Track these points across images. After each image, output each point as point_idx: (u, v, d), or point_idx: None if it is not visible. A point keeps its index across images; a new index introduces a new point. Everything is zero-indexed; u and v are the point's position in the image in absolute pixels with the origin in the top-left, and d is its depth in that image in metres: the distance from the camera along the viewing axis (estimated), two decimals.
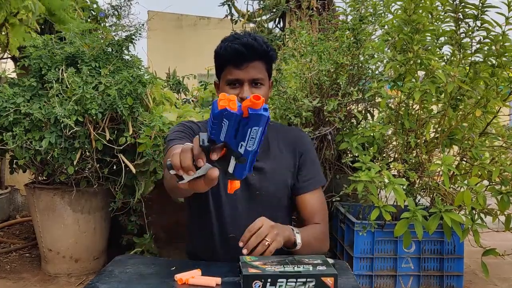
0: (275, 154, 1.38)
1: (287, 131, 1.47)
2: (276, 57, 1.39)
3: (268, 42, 1.33)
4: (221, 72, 1.33)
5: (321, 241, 1.34)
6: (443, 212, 2.07)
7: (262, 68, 1.31)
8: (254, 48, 1.26)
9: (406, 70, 2.31)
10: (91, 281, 1.07)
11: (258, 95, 0.73)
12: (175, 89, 3.84)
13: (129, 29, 2.82)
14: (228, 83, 1.30)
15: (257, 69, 1.29)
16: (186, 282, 1.06)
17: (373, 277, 2.39)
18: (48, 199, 2.68)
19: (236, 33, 1.33)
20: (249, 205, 1.33)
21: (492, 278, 2.78)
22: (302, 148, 1.40)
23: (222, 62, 1.31)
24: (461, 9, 2.30)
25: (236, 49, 1.25)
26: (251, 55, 1.26)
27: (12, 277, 2.75)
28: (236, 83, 1.29)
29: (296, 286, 0.98)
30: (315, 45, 2.54)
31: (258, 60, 1.29)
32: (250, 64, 1.27)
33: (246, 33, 1.32)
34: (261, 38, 1.31)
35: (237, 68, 1.27)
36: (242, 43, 1.26)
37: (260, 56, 1.29)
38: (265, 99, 1.34)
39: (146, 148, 2.39)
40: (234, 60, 1.27)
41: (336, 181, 2.70)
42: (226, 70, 1.30)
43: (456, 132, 2.45)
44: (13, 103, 2.43)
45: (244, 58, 1.26)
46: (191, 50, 10.40)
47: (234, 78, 1.28)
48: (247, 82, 1.28)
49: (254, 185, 1.33)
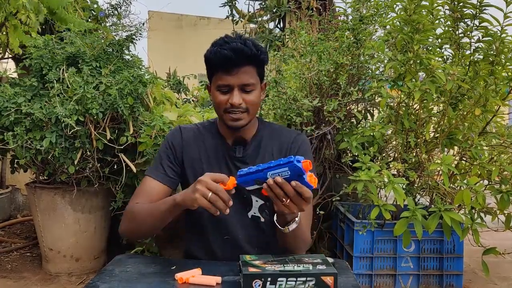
0: (266, 158, 1.35)
1: (282, 134, 1.42)
2: (268, 59, 1.36)
3: (260, 45, 1.31)
4: (212, 77, 1.32)
5: (303, 242, 1.28)
6: (442, 211, 2.07)
7: (253, 72, 1.28)
8: (244, 53, 1.24)
9: (406, 70, 2.31)
10: (92, 280, 1.08)
11: (308, 162, 1.01)
12: (175, 89, 3.84)
13: (130, 29, 2.82)
14: (218, 88, 1.28)
15: (247, 74, 1.27)
16: (186, 281, 1.06)
17: (372, 276, 2.40)
18: (49, 199, 2.68)
19: (226, 36, 1.29)
20: (241, 207, 1.33)
21: (491, 277, 2.79)
22: (293, 151, 1.37)
23: (212, 67, 1.29)
24: (459, 8, 2.30)
25: (225, 55, 1.23)
26: (241, 60, 1.24)
27: (13, 276, 2.76)
28: (226, 89, 1.27)
29: (296, 285, 0.98)
30: (315, 45, 2.54)
31: (248, 64, 1.26)
32: (240, 70, 1.25)
33: (237, 36, 1.29)
34: (251, 41, 1.27)
35: (226, 73, 1.25)
36: (231, 48, 1.23)
37: (250, 60, 1.26)
38: (257, 103, 1.32)
39: (147, 148, 2.39)
40: (224, 65, 1.25)
41: (336, 181, 2.70)
42: (216, 75, 1.28)
43: (455, 131, 2.45)
44: (14, 102, 2.43)
45: (233, 64, 1.24)
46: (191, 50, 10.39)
47: (223, 84, 1.26)
48: (237, 87, 1.26)
49: (243, 198, 1.32)
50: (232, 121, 1.29)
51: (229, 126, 1.31)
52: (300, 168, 1.01)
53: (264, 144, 1.38)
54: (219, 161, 1.36)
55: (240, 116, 1.28)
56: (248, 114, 1.29)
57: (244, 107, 1.28)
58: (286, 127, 2.36)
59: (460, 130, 2.44)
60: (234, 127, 1.30)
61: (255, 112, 1.35)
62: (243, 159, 1.35)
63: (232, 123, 1.29)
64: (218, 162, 1.35)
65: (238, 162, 1.35)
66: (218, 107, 1.30)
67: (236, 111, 1.27)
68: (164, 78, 3.68)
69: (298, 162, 1.01)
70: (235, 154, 1.36)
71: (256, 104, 1.32)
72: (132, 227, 1.31)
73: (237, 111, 1.27)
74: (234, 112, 1.27)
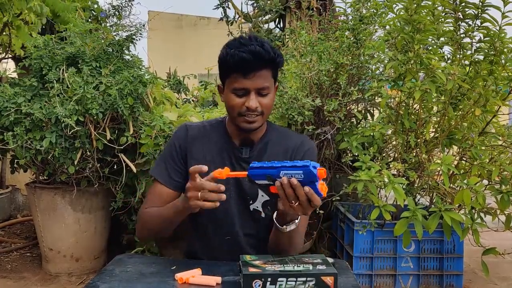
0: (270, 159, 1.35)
1: (290, 138, 1.41)
2: (283, 62, 1.34)
3: (275, 47, 1.29)
4: (226, 78, 1.28)
5: (295, 245, 1.28)
6: (443, 211, 2.07)
7: (269, 75, 1.26)
8: (262, 56, 1.21)
9: (406, 70, 2.31)
10: (92, 280, 1.08)
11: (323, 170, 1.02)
12: (175, 89, 3.84)
13: (130, 29, 2.82)
14: (233, 91, 1.26)
15: (263, 78, 1.24)
16: (186, 281, 1.06)
17: (372, 276, 2.40)
18: (49, 199, 2.68)
19: (242, 38, 1.26)
20: (240, 207, 1.33)
21: (491, 277, 2.79)
22: (299, 156, 1.36)
23: (227, 69, 1.26)
24: (461, 8, 2.30)
25: (243, 58, 1.20)
26: (258, 63, 1.22)
27: (13, 277, 2.76)
28: (242, 92, 1.25)
29: (296, 285, 0.98)
30: (315, 45, 2.54)
31: (265, 68, 1.24)
32: (257, 73, 1.23)
33: (253, 38, 1.25)
34: (268, 44, 1.25)
35: (243, 77, 1.23)
36: (250, 50, 1.20)
37: (267, 63, 1.24)
38: (271, 106, 1.31)
39: (148, 149, 2.40)
40: (241, 68, 1.22)
41: (336, 181, 2.70)
42: (232, 77, 1.25)
43: (455, 131, 2.46)
44: (14, 103, 2.43)
45: (251, 67, 1.22)
46: (191, 50, 10.43)
47: (240, 87, 1.24)
48: (254, 91, 1.24)
49: (245, 190, 1.33)
50: (247, 124, 1.28)
51: (241, 128, 1.30)
52: (315, 175, 1.01)
53: (271, 147, 1.38)
54: (223, 160, 1.35)
55: (255, 119, 1.27)
56: (262, 117, 1.29)
57: (260, 111, 1.27)
58: (293, 130, 2.35)
59: (460, 130, 2.44)
60: (248, 129, 1.29)
61: (269, 115, 1.35)
62: (249, 160, 1.34)
63: (246, 125, 1.28)
64: (222, 161, 1.34)
65: (244, 163, 1.34)
66: (232, 110, 1.28)
67: (252, 114, 1.26)
68: (164, 78, 3.68)
69: (314, 168, 1.01)
70: (241, 154, 1.35)
71: (271, 107, 1.31)
72: (144, 232, 1.37)
73: (253, 114, 1.26)
74: (249, 116, 1.26)
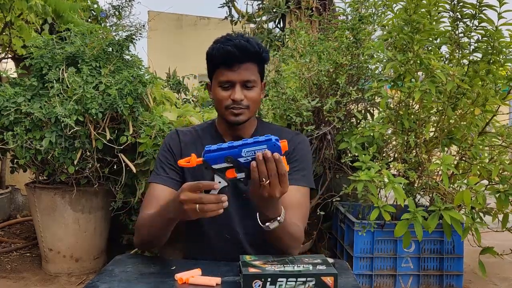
0: None
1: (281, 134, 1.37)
2: (269, 58, 1.38)
3: (262, 44, 1.32)
4: (213, 74, 1.33)
5: (295, 240, 1.23)
6: (442, 210, 2.07)
7: (254, 69, 1.30)
8: (247, 50, 1.25)
9: (406, 70, 2.31)
10: (92, 280, 1.07)
11: (285, 142, 1.01)
12: (175, 89, 3.84)
13: (130, 29, 2.82)
14: (219, 84, 1.29)
15: (249, 71, 1.28)
16: (186, 281, 1.06)
17: (373, 277, 2.40)
18: (49, 199, 2.68)
19: (228, 34, 1.32)
20: (239, 206, 1.33)
21: (492, 278, 2.79)
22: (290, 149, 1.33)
23: (214, 63, 1.30)
24: (459, 9, 2.30)
25: (228, 51, 1.24)
26: (243, 56, 1.26)
27: (13, 277, 2.76)
28: (227, 85, 1.28)
29: (296, 286, 0.98)
30: (314, 45, 2.54)
31: (250, 61, 1.28)
32: (242, 66, 1.27)
33: (239, 35, 1.31)
34: (254, 40, 1.30)
35: (229, 69, 1.27)
36: (235, 44, 1.25)
37: (253, 57, 1.28)
38: (258, 100, 1.33)
39: (147, 148, 2.39)
40: (226, 61, 1.26)
41: (336, 181, 2.70)
42: (218, 71, 1.29)
43: (455, 131, 2.45)
44: (14, 102, 2.43)
45: (236, 60, 1.26)
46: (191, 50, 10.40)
47: (225, 80, 1.28)
48: (239, 83, 1.28)
49: (241, 188, 1.32)
50: (233, 116, 1.29)
51: (229, 122, 1.32)
52: (279, 147, 1.00)
53: None
54: None
55: (241, 111, 1.29)
56: (248, 110, 1.30)
57: (246, 104, 1.29)
58: (286, 128, 2.35)
59: (460, 130, 2.44)
60: (235, 122, 1.31)
61: (255, 110, 1.36)
62: None
63: (233, 118, 1.30)
64: None
65: None
66: (219, 103, 1.31)
67: (237, 107, 1.28)
68: (164, 78, 3.68)
69: (277, 141, 1.00)
70: None
71: (257, 101, 1.33)
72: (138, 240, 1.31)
73: (238, 107, 1.28)
74: (235, 108, 1.28)
